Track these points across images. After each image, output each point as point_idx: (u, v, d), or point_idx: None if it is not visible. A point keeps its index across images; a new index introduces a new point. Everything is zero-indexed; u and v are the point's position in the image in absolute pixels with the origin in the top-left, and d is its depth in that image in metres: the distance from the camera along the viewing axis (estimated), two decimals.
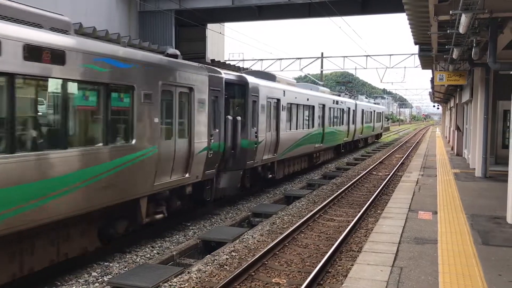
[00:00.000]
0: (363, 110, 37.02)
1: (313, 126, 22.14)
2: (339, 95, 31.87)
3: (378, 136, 50.78)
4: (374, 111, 43.79)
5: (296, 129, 19.72)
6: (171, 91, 10.45)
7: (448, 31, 11.31)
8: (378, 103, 57.08)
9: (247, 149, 14.43)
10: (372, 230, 9.50)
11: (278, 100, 17.23)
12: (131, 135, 9.01)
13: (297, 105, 19.80)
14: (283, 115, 17.79)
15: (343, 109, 29.21)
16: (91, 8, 23.63)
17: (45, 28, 7.56)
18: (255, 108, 15.07)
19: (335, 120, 27.28)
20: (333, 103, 26.43)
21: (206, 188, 12.49)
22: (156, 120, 9.73)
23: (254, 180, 16.14)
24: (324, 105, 24.22)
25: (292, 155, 19.45)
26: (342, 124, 29.20)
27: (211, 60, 28.74)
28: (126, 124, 9.05)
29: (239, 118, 13.94)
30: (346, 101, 30.92)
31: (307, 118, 21.54)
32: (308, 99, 21.16)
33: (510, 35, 11.34)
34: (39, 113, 7.48)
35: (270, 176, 17.23)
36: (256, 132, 14.98)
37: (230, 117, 13.52)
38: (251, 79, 14.98)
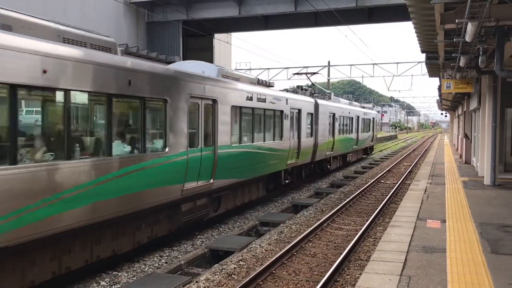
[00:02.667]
0: (333, 114, 24.58)
1: (177, 146, 10.45)
2: (296, 93, 21.86)
3: (367, 150, 37.76)
4: (358, 116, 31.11)
5: (89, 155, 8.16)
6: None
7: (454, 40, 11.33)
8: (364, 106, 38.25)
9: None
10: (380, 239, 9.47)
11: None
12: None
13: (94, 94, 8.23)
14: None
15: (282, 112, 17.17)
16: (99, 19, 23.91)
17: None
18: None
19: (262, 131, 15.68)
20: (248, 99, 14.27)
21: None
22: None
23: None
24: (214, 101, 12.12)
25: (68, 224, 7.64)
26: (282, 137, 17.16)
27: None
28: None
29: None
30: (290, 98, 18.49)
31: (150, 128, 9.92)
32: (134, 81, 9.01)
33: None
34: None
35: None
36: None
37: None
38: None
